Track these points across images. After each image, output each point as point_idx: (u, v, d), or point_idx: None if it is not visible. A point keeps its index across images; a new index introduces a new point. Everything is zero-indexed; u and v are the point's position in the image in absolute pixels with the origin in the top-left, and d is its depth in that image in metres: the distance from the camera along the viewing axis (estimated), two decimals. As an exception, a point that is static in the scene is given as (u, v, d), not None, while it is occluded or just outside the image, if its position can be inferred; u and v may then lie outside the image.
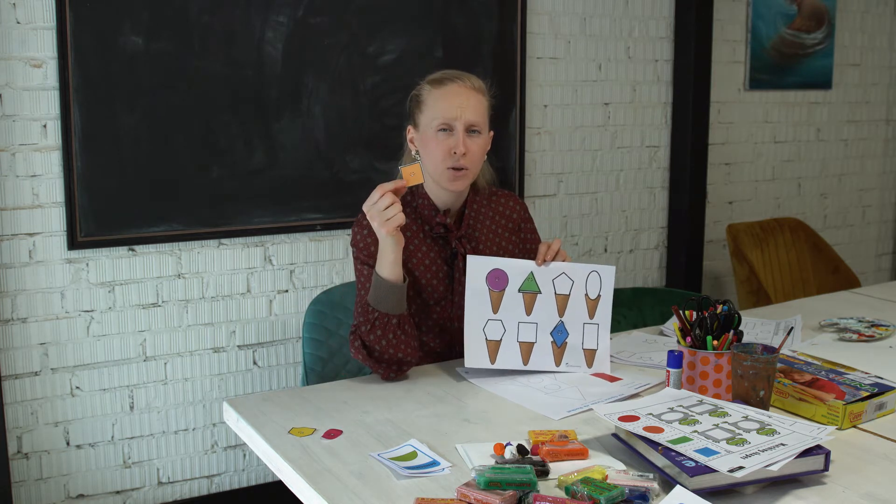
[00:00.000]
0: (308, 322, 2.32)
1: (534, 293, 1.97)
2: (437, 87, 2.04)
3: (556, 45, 3.49)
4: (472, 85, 2.05)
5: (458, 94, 2.02)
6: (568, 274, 1.97)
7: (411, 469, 1.46)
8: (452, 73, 2.09)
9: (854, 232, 4.53)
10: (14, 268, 2.70)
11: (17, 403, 2.75)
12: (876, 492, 1.38)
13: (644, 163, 3.78)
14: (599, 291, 1.97)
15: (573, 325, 1.96)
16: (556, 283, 1.97)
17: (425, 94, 2.05)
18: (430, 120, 2.02)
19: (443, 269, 2.06)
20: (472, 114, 2.02)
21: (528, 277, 1.96)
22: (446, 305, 2.07)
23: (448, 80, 2.05)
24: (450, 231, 2.07)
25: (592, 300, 1.96)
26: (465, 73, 2.09)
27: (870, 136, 4.48)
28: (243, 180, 2.94)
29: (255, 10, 2.88)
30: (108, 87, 2.72)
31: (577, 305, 1.96)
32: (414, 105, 2.09)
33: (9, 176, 2.66)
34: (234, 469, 3.10)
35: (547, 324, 1.96)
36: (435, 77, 2.08)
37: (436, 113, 2.01)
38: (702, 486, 1.33)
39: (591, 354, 1.97)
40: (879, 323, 2.28)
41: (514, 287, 1.96)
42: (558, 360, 1.96)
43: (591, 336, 1.96)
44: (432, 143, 2.01)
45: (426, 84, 2.07)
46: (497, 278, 1.96)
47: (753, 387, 1.61)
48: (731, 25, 3.94)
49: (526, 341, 1.96)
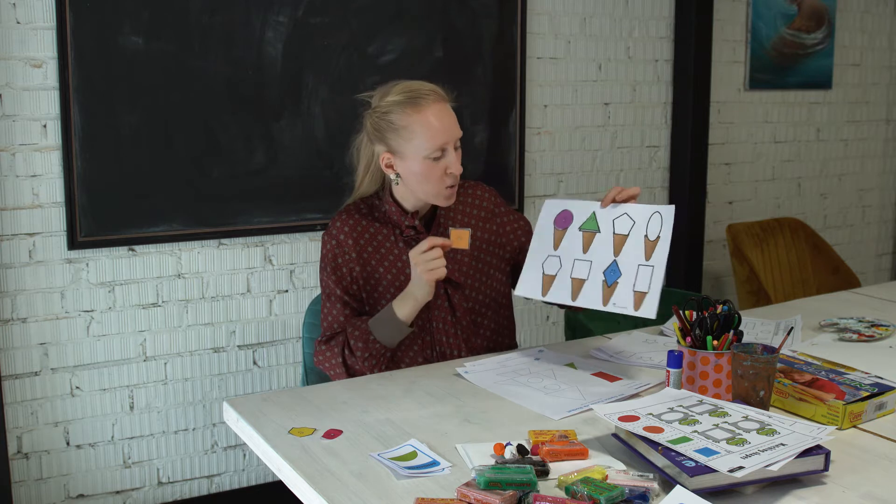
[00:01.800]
0: (308, 322, 2.32)
1: (592, 232, 1.97)
2: (413, 109, 1.94)
3: (556, 45, 3.49)
4: (443, 96, 1.99)
5: (441, 116, 1.95)
6: (630, 214, 1.94)
7: (411, 469, 1.46)
8: (418, 87, 1.98)
9: (854, 232, 4.53)
10: (14, 268, 2.70)
11: (17, 403, 2.75)
12: (876, 492, 1.38)
13: (644, 163, 3.78)
14: (659, 232, 1.90)
15: (627, 266, 1.91)
16: (615, 224, 1.95)
17: (401, 118, 1.94)
18: (420, 149, 1.94)
19: None
20: (457, 129, 1.99)
21: (590, 217, 1.98)
22: (420, 313, 2.03)
23: (420, 97, 1.95)
24: (420, 233, 2.06)
25: (651, 241, 1.91)
26: (425, 82, 2.00)
27: (870, 136, 4.48)
28: (243, 180, 2.94)
29: (255, 10, 2.88)
30: (108, 87, 2.72)
31: (635, 246, 1.92)
32: (386, 128, 1.97)
33: (9, 176, 2.67)
34: (234, 469, 3.10)
35: (601, 262, 1.94)
36: (401, 96, 1.96)
37: (425, 143, 1.94)
38: (702, 486, 1.33)
39: (641, 297, 1.88)
40: (879, 323, 2.28)
41: (576, 225, 1.99)
42: (606, 300, 1.92)
43: (644, 278, 1.89)
44: (424, 170, 1.96)
45: (394, 105, 1.95)
46: (564, 218, 2.00)
47: (753, 387, 1.61)
48: (731, 25, 3.94)
49: (578, 278, 1.95)
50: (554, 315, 3.67)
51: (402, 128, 1.95)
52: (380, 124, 1.98)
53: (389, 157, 1.99)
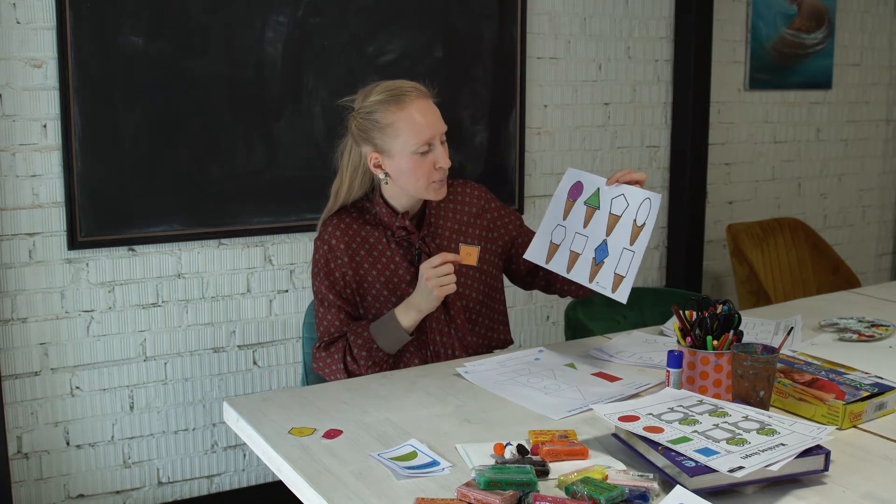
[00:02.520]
0: (308, 322, 2.32)
1: (594, 208, 1.99)
2: (397, 107, 1.95)
3: (556, 45, 3.49)
4: (425, 92, 2.01)
5: (425, 111, 1.97)
6: (626, 196, 1.97)
7: (411, 469, 1.46)
8: (399, 85, 1.99)
9: (854, 232, 4.53)
10: (14, 268, 2.70)
11: (17, 403, 2.75)
12: (876, 492, 1.38)
13: (644, 163, 3.78)
14: (645, 219, 1.93)
15: (614, 248, 1.95)
16: (613, 203, 1.98)
17: (386, 117, 1.96)
18: (406, 146, 1.96)
19: (410, 272, 2.06)
20: (441, 123, 2.00)
21: (595, 192, 2.00)
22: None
23: (403, 94, 1.96)
24: (411, 233, 2.06)
25: (638, 227, 1.94)
26: (406, 80, 2.02)
27: (870, 136, 4.48)
28: (243, 180, 2.94)
29: (255, 10, 2.88)
30: (108, 87, 2.72)
31: (624, 229, 1.95)
32: (371, 128, 1.98)
33: (9, 176, 2.67)
34: (234, 469, 3.10)
35: (595, 239, 1.98)
36: (384, 95, 1.97)
37: (411, 139, 1.95)
38: (702, 486, 1.33)
39: (619, 280, 1.92)
40: (879, 323, 2.28)
41: (583, 199, 2.01)
42: (592, 277, 1.96)
43: (625, 262, 1.93)
44: (413, 166, 1.97)
45: (377, 105, 1.97)
46: (576, 189, 2.02)
47: (753, 387, 1.61)
48: (731, 25, 3.94)
49: (575, 251, 1.99)
50: (554, 315, 3.67)
51: (387, 126, 1.96)
52: (364, 125, 1.99)
53: (377, 157, 2.00)
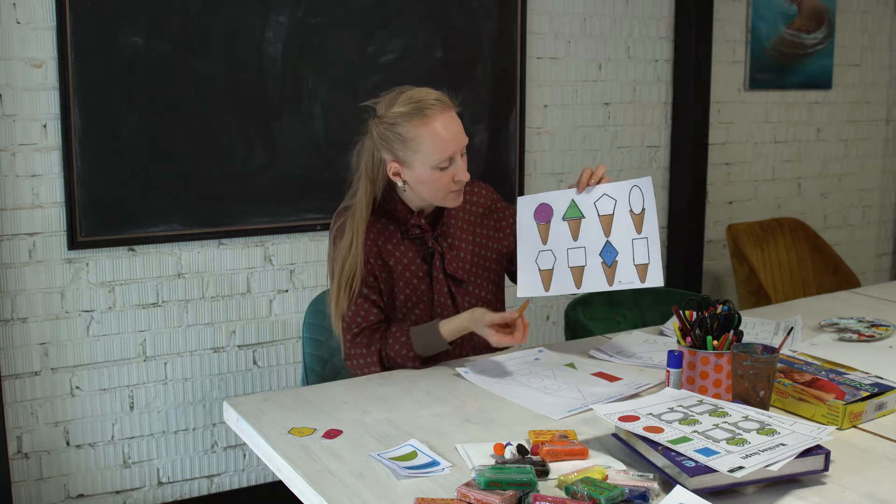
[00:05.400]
0: (308, 322, 2.32)
1: (578, 219, 1.99)
2: (420, 121, 1.92)
3: (556, 45, 3.49)
4: (448, 104, 1.97)
5: (448, 126, 1.94)
6: (609, 194, 1.98)
7: (411, 469, 1.46)
8: (424, 97, 1.95)
9: (854, 232, 4.53)
10: (14, 268, 2.70)
11: (17, 403, 2.75)
12: (876, 492, 1.38)
13: (644, 163, 3.78)
14: (643, 205, 1.95)
15: (621, 244, 1.96)
16: (598, 206, 1.98)
17: (408, 130, 1.92)
18: (428, 160, 1.93)
19: (422, 269, 2.07)
20: (463, 136, 1.98)
21: (571, 205, 2.00)
22: (425, 309, 2.06)
23: (427, 108, 1.93)
24: (425, 231, 2.07)
25: (637, 215, 1.95)
26: (430, 90, 1.99)
27: (870, 136, 4.48)
28: (243, 180, 2.94)
29: (255, 10, 2.88)
30: (108, 87, 2.72)
31: (624, 223, 1.96)
32: (394, 140, 1.94)
33: (9, 176, 2.67)
34: (234, 469, 3.10)
35: (594, 246, 1.98)
36: (408, 107, 1.94)
37: (433, 154, 1.92)
38: (702, 486, 1.33)
39: (644, 269, 1.95)
40: (879, 323, 2.28)
41: (559, 216, 2.01)
42: (611, 280, 1.97)
43: (642, 251, 1.95)
44: (432, 179, 1.96)
45: (400, 117, 1.93)
46: (543, 212, 2.02)
47: (753, 387, 1.61)
48: (731, 25, 3.94)
49: (577, 266, 1.99)
50: (554, 315, 3.67)
51: (409, 139, 1.94)
52: (387, 135, 1.97)
53: (397, 167, 1.99)
